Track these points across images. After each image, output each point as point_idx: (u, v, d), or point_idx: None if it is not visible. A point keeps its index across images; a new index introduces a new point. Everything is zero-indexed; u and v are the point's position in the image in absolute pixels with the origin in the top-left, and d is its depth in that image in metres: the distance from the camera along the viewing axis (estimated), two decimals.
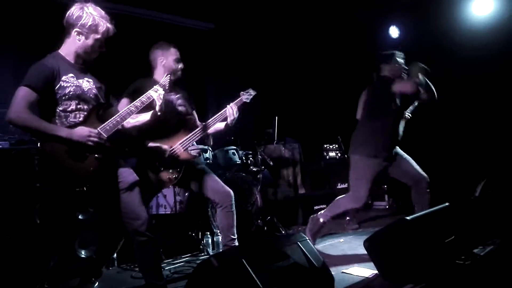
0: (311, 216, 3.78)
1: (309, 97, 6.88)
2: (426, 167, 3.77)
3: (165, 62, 3.20)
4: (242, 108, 3.26)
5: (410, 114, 4.69)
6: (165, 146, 2.99)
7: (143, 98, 2.53)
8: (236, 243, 3.12)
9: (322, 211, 3.73)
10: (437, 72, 3.80)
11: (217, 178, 3.18)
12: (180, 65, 3.25)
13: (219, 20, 6.04)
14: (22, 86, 2.23)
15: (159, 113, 2.66)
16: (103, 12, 2.45)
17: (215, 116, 3.18)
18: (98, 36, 2.41)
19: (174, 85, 3.17)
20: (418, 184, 3.51)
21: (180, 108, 3.20)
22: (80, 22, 2.35)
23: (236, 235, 3.14)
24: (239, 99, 3.26)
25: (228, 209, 3.12)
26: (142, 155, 3.01)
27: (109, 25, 2.44)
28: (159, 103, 2.61)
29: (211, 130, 3.19)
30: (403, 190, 4.63)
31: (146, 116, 2.76)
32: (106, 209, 2.52)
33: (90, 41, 2.40)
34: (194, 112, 3.36)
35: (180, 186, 3.55)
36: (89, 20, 2.36)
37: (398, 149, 3.61)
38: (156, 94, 2.58)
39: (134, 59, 4.72)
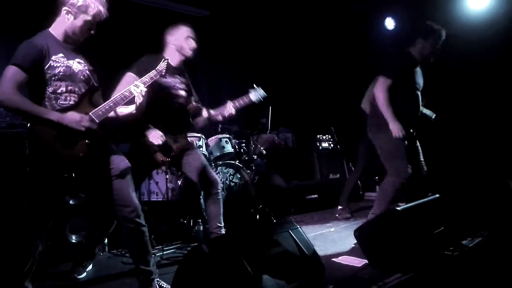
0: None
1: (303, 87, 6.87)
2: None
3: (174, 39, 3.08)
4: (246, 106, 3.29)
5: None
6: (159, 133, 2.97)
7: (125, 92, 2.40)
8: (223, 231, 3.13)
9: (372, 211, 3.63)
10: (432, 65, 3.80)
11: (207, 165, 3.17)
12: (191, 44, 3.11)
13: (214, 7, 5.99)
14: (11, 65, 2.17)
15: (138, 109, 2.53)
16: None
17: (217, 110, 3.24)
18: (88, 18, 2.33)
19: (176, 69, 3.10)
20: None
21: (179, 93, 3.12)
22: (70, 1, 2.30)
23: (223, 223, 3.14)
24: (246, 97, 3.29)
25: (215, 197, 3.12)
26: (137, 139, 2.98)
27: (101, 8, 2.36)
28: (140, 100, 2.46)
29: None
30: None
31: (132, 108, 2.62)
32: (97, 194, 2.50)
33: (78, 22, 2.33)
34: (193, 99, 3.26)
35: (173, 166, 3.49)
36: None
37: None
38: (137, 90, 2.43)
39: (128, 44, 4.70)
